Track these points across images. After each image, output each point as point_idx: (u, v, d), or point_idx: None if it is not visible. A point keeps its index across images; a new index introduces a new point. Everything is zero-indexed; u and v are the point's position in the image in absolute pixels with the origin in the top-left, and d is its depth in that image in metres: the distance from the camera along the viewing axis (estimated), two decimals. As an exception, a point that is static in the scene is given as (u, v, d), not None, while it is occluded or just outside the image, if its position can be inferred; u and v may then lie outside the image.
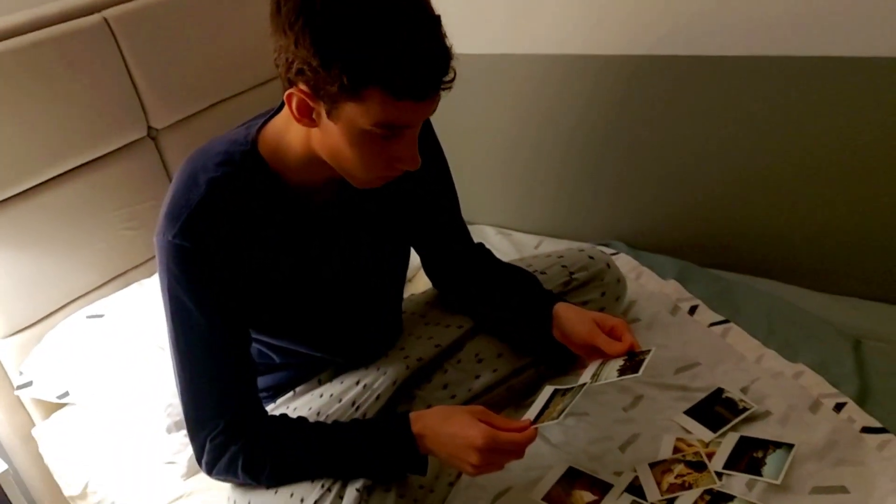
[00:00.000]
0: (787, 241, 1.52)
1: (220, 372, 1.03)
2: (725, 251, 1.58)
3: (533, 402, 1.04)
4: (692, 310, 1.38)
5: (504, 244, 1.80)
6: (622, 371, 1.00)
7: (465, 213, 1.33)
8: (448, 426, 0.98)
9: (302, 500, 1.00)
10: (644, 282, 1.49)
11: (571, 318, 1.14)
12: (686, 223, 1.63)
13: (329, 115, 0.89)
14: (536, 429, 0.98)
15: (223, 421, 1.03)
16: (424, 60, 0.84)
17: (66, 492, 1.43)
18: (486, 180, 1.90)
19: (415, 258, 1.40)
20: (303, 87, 0.87)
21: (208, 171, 0.99)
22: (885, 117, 1.32)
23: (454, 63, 0.87)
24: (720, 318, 1.35)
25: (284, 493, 1.02)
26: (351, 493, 0.99)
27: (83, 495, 1.38)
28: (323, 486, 1.00)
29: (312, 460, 1.02)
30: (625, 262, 1.54)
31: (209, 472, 1.06)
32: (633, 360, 1.02)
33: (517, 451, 0.98)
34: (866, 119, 1.34)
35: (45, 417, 1.52)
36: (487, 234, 1.87)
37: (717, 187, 1.56)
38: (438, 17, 0.86)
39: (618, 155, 1.67)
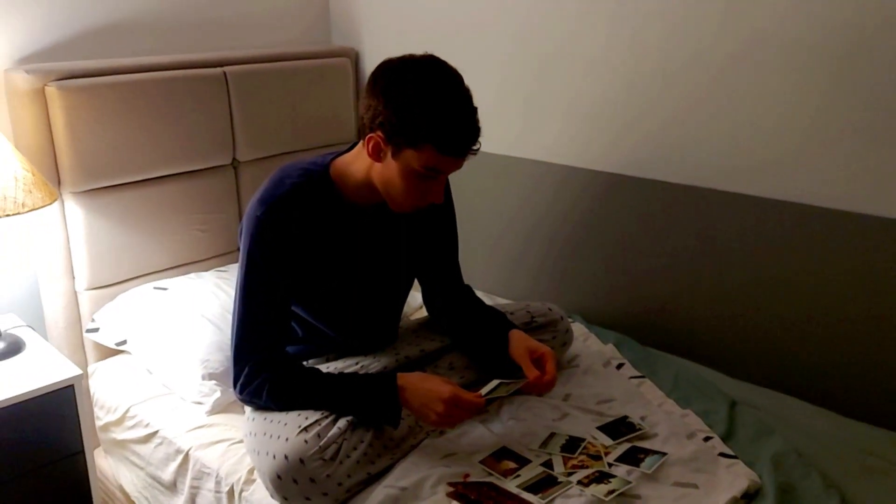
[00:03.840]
0: (701, 333, 1.93)
1: (268, 317, 1.42)
2: (656, 333, 1.98)
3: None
4: (619, 366, 1.77)
5: (487, 305, 2.20)
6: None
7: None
8: (425, 383, 1.36)
9: (306, 418, 1.35)
10: (589, 343, 1.88)
11: (514, 342, 1.52)
12: (629, 308, 2.05)
13: (393, 155, 1.32)
14: (486, 399, 1.36)
15: (261, 356, 1.41)
16: (464, 133, 1.30)
17: (105, 419, 1.75)
18: (481, 255, 2.33)
19: (417, 300, 1.81)
20: (380, 133, 1.31)
21: (292, 178, 1.42)
22: (786, 258, 1.75)
23: (480, 139, 1.33)
24: (639, 374, 1.73)
25: (293, 412, 1.38)
26: (343, 421, 1.36)
27: (121, 420, 1.70)
28: (323, 413, 1.37)
29: (319, 395, 1.38)
30: (578, 328, 1.94)
31: (241, 392, 1.42)
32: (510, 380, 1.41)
33: (471, 410, 1.35)
34: (773, 256, 1.77)
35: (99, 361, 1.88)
36: (475, 297, 2.27)
37: (656, 287, 1.98)
38: (476, 108, 1.32)
39: (586, 250, 2.11)
